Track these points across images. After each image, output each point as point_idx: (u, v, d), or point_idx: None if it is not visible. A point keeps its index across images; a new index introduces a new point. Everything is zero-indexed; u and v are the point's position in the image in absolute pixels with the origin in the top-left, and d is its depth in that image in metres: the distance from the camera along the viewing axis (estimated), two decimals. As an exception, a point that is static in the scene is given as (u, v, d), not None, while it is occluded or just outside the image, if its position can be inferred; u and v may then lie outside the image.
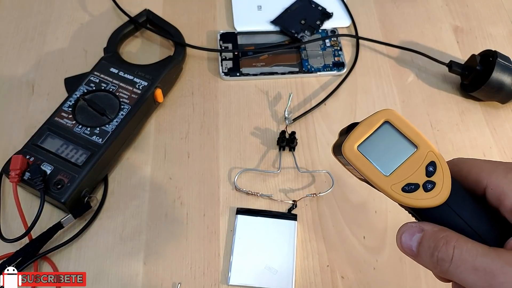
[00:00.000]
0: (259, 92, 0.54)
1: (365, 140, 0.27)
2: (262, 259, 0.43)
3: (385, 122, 0.27)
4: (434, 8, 0.63)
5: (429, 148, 0.27)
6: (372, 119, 0.28)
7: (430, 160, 0.26)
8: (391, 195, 0.26)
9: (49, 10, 0.60)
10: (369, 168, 0.27)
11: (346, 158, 0.27)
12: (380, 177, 0.26)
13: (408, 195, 0.26)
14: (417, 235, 0.25)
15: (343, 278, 0.43)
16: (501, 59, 0.50)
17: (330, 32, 0.59)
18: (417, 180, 0.26)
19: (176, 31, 0.56)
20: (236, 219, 0.45)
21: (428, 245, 0.24)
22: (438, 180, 0.26)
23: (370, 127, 0.27)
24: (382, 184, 0.26)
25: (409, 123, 0.27)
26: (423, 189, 0.26)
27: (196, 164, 0.48)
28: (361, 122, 0.28)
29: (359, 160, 0.27)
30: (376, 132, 0.27)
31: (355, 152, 0.27)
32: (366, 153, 0.27)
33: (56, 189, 0.42)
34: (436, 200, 0.25)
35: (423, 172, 0.26)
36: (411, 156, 0.26)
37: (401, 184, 0.26)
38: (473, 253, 0.22)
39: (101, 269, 0.42)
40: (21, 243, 0.42)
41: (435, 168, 0.26)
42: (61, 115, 0.46)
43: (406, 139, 0.27)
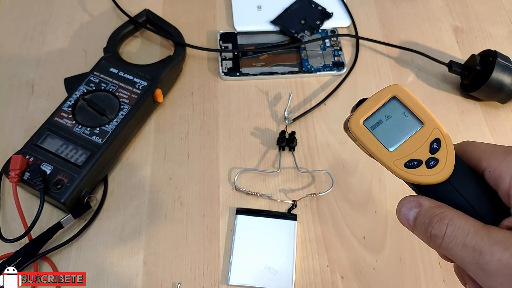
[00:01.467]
0: (259, 92, 0.54)
1: (372, 115, 0.27)
2: (262, 259, 0.43)
3: (393, 97, 0.27)
4: (434, 8, 0.63)
5: (435, 125, 0.27)
6: (380, 94, 0.28)
7: (435, 137, 0.26)
8: (393, 170, 0.26)
9: (49, 10, 0.60)
10: (373, 143, 0.27)
11: (352, 132, 0.28)
12: (383, 152, 0.27)
13: (410, 171, 0.26)
14: (415, 209, 0.26)
15: (343, 278, 0.43)
16: (501, 59, 0.50)
17: (330, 32, 0.59)
18: (420, 157, 0.26)
19: (176, 31, 0.56)
20: (236, 219, 0.45)
21: (423, 221, 0.25)
22: (442, 157, 0.26)
23: (377, 102, 0.27)
24: (385, 159, 0.27)
25: (417, 99, 0.27)
26: (426, 166, 0.26)
27: (196, 164, 0.48)
28: (370, 97, 0.28)
29: (364, 134, 0.27)
30: (383, 107, 0.27)
31: (360, 127, 0.27)
32: (372, 128, 0.27)
33: (56, 189, 0.42)
34: (438, 177, 0.25)
35: (427, 148, 0.26)
36: (417, 133, 0.27)
37: (403, 160, 0.26)
38: (465, 230, 0.23)
39: (101, 269, 0.42)
40: (21, 243, 0.42)
41: (439, 145, 0.26)
42: (61, 115, 0.46)
43: (412, 115, 0.27)
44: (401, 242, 0.45)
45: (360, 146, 0.29)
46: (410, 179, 0.26)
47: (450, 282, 0.43)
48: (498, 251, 0.21)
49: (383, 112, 0.27)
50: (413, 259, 0.44)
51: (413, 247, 0.44)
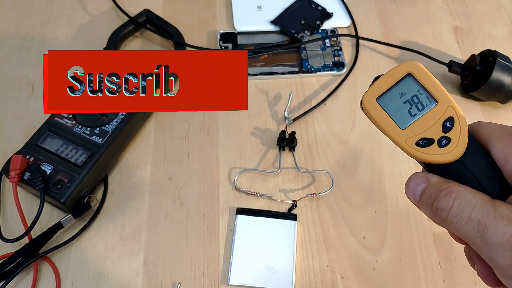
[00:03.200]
0: (259, 92, 0.54)
1: (386, 92, 0.27)
2: (262, 259, 0.43)
3: (408, 74, 0.27)
4: (434, 8, 0.63)
5: (450, 104, 0.26)
6: (395, 71, 0.27)
7: (448, 116, 0.26)
8: (405, 148, 0.26)
9: (49, 10, 0.60)
10: (385, 120, 0.26)
11: (365, 109, 0.27)
12: (395, 130, 0.26)
13: (421, 150, 0.25)
14: (422, 185, 0.25)
15: (343, 278, 0.43)
16: (501, 59, 0.50)
17: (330, 32, 0.59)
18: (433, 135, 0.26)
19: (176, 31, 0.56)
20: (236, 219, 0.45)
21: (429, 195, 0.25)
22: (454, 137, 0.25)
23: (392, 79, 0.27)
24: (397, 137, 0.26)
25: (432, 77, 0.27)
26: (438, 145, 0.25)
27: (196, 164, 0.48)
28: (384, 74, 0.27)
29: (376, 112, 0.27)
30: (397, 85, 0.27)
31: (373, 104, 0.27)
32: (385, 106, 0.27)
33: (56, 189, 0.42)
34: (449, 156, 0.25)
35: (440, 127, 0.26)
36: (430, 111, 0.26)
37: (415, 138, 0.26)
38: (471, 204, 0.23)
39: (101, 269, 0.42)
40: (21, 243, 0.42)
41: (453, 124, 0.26)
42: (61, 115, 0.46)
43: (427, 93, 0.26)
44: (401, 242, 0.45)
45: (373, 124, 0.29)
46: (420, 157, 0.26)
47: (450, 282, 0.43)
48: (502, 225, 0.21)
49: (398, 89, 0.27)
50: (413, 259, 0.44)
51: (413, 247, 0.44)
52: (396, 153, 0.50)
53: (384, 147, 0.50)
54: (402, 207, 0.47)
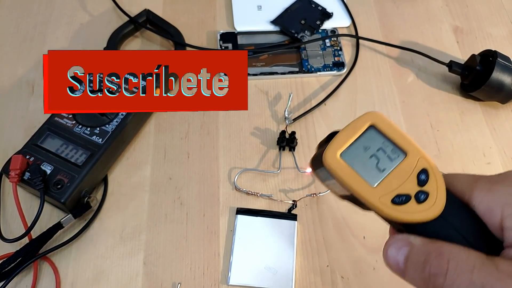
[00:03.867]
0: (259, 92, 0.54)
1: (349, 147, 0.25)
2: (262, 259, 0.43)
3: (370, 126, 0.25)
4: (434, 8, 0.63)
5: (420, 154, 0.24)
6: (356, 124, 0.25)
7: (421, 168, 0.24)
8: (380, 208, 0.23)
9: (49, 10, 0.60)
10: (354, 178, 0.24)
11: (328, 168, 0.24)
12: (366, 189, 0.24)
13: (399, 208, 0.23)
14: (404, 249, 0.22)
15: (343, 278, 0.43)
16: (501, 59, 0.50)
17: (330, 32, 0.59)
18: (408, 191, 0.23)
19: (176, 31, 0.56)
20: (236, 219, 0.45)
21: (417, 259, 0.22)
22: (432, 190, 0.23)
23: (354, 132, 0.25)
24: (369, 197, 0.23)
25: (396, 127, 0.25)
26: (416, 200, 0.23)
27: (196, 164, 0.48)
28: (344, 127, 0.25)
29: (343, 169, 0.24)
30: (360, 138, 0.25)
31: (338, 161, 0.24)
32: (350, 162, 0.24)
33: (56, 189, 0.42)
34: (431, 212, 0.23)
35: (415, 181, 0.23)
36: (401, 164, 0.24)
37: (390, 196, 0.23)
38: (469, 265, 0.20)
39: (101, 269, 0.42)
40: (21, 243, 0.42)
41: (428, 177, 0.23)
42: (61, 115, 0.46)
43: (394, 145, 0.24)
44: (401, 242, 0.45)
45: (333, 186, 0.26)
46: (400, 217, 0.23)
47: (450, 282, 0.43)
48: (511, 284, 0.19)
49: (361, 143, 0.25)
50: (413, 259, 0.44)
51: (413, 247, 0.44)
52: (396, 153, 0.50)
53: (384, 147, 0.50)
54: (402, 207, 0.47)
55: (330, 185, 0.27)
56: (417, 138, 0.51)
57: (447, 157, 0.49)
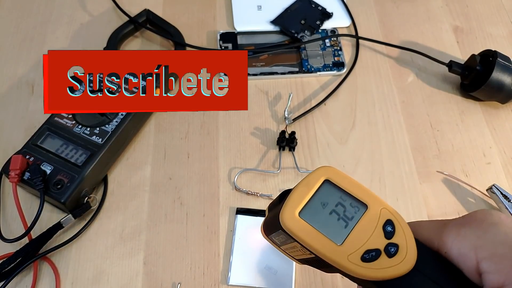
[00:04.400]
0: (259, 92, 0.54)
1: (306, 205, 0.23)
2: (262, 259, 0.43)
3: (325, 181, 0.24)
4: (434, 8, 0.63)
5: (382, 205, 0.23)
6: (309, 179, 0.24)
7: (386, 219, 0.22)
8: (350, 268, 0.21)
9: (49, 10, 0.60)
10: (317, 238, 0.22)
11: (287, 229, 0.22)
12: (332, 248, 0.22)
13: (370, 265, 0.21)
14: None
15: (343, 278, 0.43)
16: (501, 59, 0.50)
17: (330, 32, 0.59)
18: (377, 245, 0.22)
19: (176, 31, 0.56)
20: (236, 219, 0.45)
21: None
22: (401, 241, 0.22)
23: (309, 189, 0.23)
24: (337, 257, 0.22)
25: (352, 179, 0.24)
26: (386, 255, 0.21)
27: (196, 164, 0.48)
28: (299, 184, 0.24)
29: (304, 229, 0.22)
30: (317, 194, 0.23)
31: (297, 220, 0.22)
32: (310, 220, 0.22)
33: (56, 189, 0.42)
34: (404, 265, 0.21)
35: (381, 234, 0.22)
36: (363, 217, 0.23)
37: (359, 253, 0.21)
38: None
39: (101, 269, 0.42)
40: (21, 243, 0.42)
41: (394, 227, 0.22)
42: (61, 115, 0.46)
43: (352, 198, 0.23)
44: (401, 242, 0.45)
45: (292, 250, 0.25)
46: (374, 276, 0.21)
47: (450, 282, 0.43)
48: None
49: (318, 199, 0.23)
50: (413, 259, 0.44)
51: (413, 247, 0.44)
52: (396, 153, 0.50)
53: (384, 147, 0.50)
54: (402, 207, 0.47)
55: (288, 249, 0.25)
56: (417, 138, 0.51)
57: (447, 157, 0.49)
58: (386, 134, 0.51)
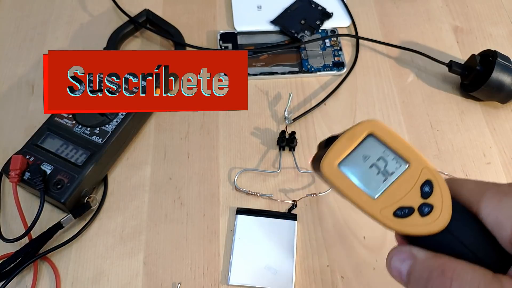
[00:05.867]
0: (259, 92, 0.54)
1: (347, 157, 0.24)
2: (262, 259, 0.43)
3: (369, 135, 0.24)
4: (434, 8, 0.63)
5: (424, 164, 0.23)
6: (354, 132, 0.24)
7: (425, 179, 0.22)
8: (382, 221, 0.23)
9: (49, 10, 0.60)
10: (354, 190, 0.23)
11: (326, 178, 0.24)
12: (367, 201, 0.23)
13: (401, 221, 0.22)
14: (407, 262, 0.22)
15: (343, 278, 0.43)
16: (501, 59, 0.50)
17: (330, 32, 0.59)
18: (411, 203, 0.22)
19: (176, 31, 0.56)
20: (236, 219, 0.45)
21: (419, 275, 0.21)
22: (436, 202, 0.22)
23: (352, 141, 0.24)
24: (370, 209, 0.23)
25: (397, 136, 0.24)
26: (419, 213, 0.22)
27: (196, 164, 0.48)
28: (341, 135, 0.24)
29: (341, 180, 0.23)
30: (359, 147, 0.24)
31: (336, 172, 0.23)
32: (349, 172, 0.23)
33: (56, 189, 0.42)
34: (435, 226, 0.22)
35: (418, 193, 0.22)
36: (403, 174, 0.23)
37: (392, 208, 0.22)
38: (473, 285, 0.19)
39: (101, 269, 0.42)
40: (21, 243, 0.42)
41: (432, 188, 0.22)
42: (61, 115, 0.46)
43: (395, 154, 0.23)
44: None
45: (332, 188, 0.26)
46: (402, 230, 0.22)
47: (450, 282, 0.43)
48: None
49: (360, 152, 0.23)
50: (413, 259, 0.44)
51: (413, 247, 0.44)
52: (396, 153, 0.50)
53: (384, 147, 0.50)
54: (402, 207, 0.47)
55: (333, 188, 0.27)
56: (417, 138, 0.51)
57: (447, 157, 0.49)
58: (386, 134, 0.51)
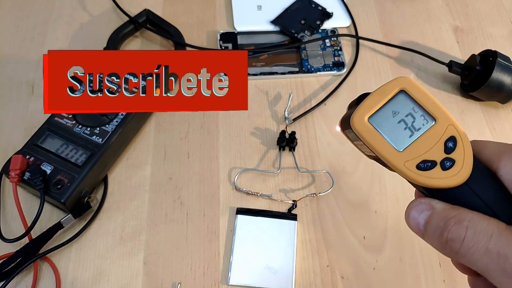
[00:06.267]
0: (259, 92, 0.54)
1: (377, 111, 0.25)
2: (262, 259, 0.43)
3: (401, 91, 0.25)
4: (434, 8, 0.63)
5: (450, 122, 0.24)
6: (386, 88, 0.25)
7: (450, 135, 0.24)
8: (404, 172, 0.24)
9: (49, 10, 0.60)
10: (381, 142, 0.24)
11: (355, 131, 0.25)
12: (392, 153, 0.24)
13: (423, 173, 0.23)
14: (426, 212, 0.23)
15: (343, 278, 0.43)
16: (501, 59, 0.50)
17: (330, 32, 0.59)
18: (434, 157, 0.24)
19: (176, 31, 0.56)
20: (236, 219, 0.45)
21: (436, 224, 0.22)
22: (458, 158, 0.23)
23: (383, 97, 0.25)
24: (394, 161, 0.24)
25: (428, 93, 0.25)
26: (441, 167, 0.23)
27: (196, 164, 0.48)
28: (374, 91, 0.26)
29: (370, 133, 0.25)
30: (389, 102, 0.25)
31: (365, 125, 0.25)
32: (378, 126, 0.25)
33: (56, 189, 0.42)
34: (455, 179, 0.23)
35: (441, 148, 0.24)
36: (429, 130, 0.24)
37: (415, 161, 0.24)
38: (487, 233, 0.20)
39: (101, 269, 0.42)
40: (21, 243, 0.42)
41: (455, 144, 0.24)
42: (61, 115, 0.46)
43: (423, 111, 0.25)
44: (401, 242, 0.45)
45: (361, 147, 0.27)
46: (423, 182, 0.23)
47: (450, 282, 0.43)
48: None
49: (390, 107, 0.25)
50: (413, 259, 0.44)
51: (413, 247, 0.44)
52: (396, 153, 0.50)
53: (384, 147, 0.50)
54: (402, 206, 0.46)
55: (358, 145, 0.28)
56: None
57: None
58: (386, 134, 0.51)
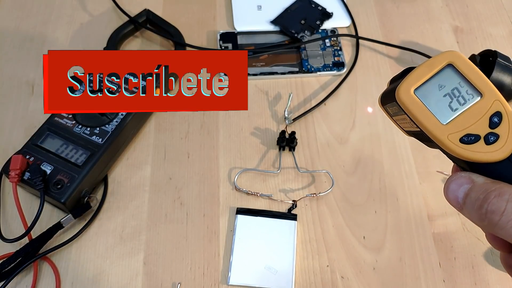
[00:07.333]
0: (259, 92, 0.54)
1: (424, 84, 0.25)
2: (262, 259, 0.43)
3: (448, 64, 0.25)
4: (434, 8, 0.63)
5: (496, 97, 0.24)
6: (434, 61, 0.25)
7: (495, 110, 0.24)
8: (447, 145, 0.24)
9: (49, 10, 0.60)
10: (425, 114, 0.24)
11: (400, 102, 0.25)
12: (436, 125, 0.24)
13: (466, 147, 0.23)
14: (465, 186, 0.23)
15: (343, 278, 0.43)
16: (501, 59, 0.50)
17: (330, 32, 0.59)
18: (479, 131, 0.23)
19: (176, 31, 0.56)
20: (236, 219, 0.45)
21: (476, 197, 0.22)
22: (503, 133, 0.23)
23: (431, 70, 0.25)
24: (438, 133, 0.24)
25: (475, 68, 0.25)
26: (484, 141, 0.23)
27: (196, 164, 0.48)
28: (421, 64, 0.25)
29: (415, 105, 0.24)
30: (436, 76, 0.25)
31: (411, 96, 0.24)
32: (423, 98, 0.25)
33: (56, 189, 0.42)
34: (498, 154, 0.23)
35: (487, 122, 0.24)
36: (474, 105, 0.24)
37: (459, 134, 0.24)
38: None
39: (101, 269, 0.42)
40: (21, 243, 0.42)
41: (501, 119, 0.23)
42: (61, 115, 0.46)
43: (470, 85, 0.24)
44: (401, 242, 0.45)
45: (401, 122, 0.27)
46: (465, 155, 0.23)
47: (450, 282, 0.43)
48: None
49: (437, 80, 0.25)
50: (413, 259, 0.44)
51: (413, 247, 0.44)
52: (396, 153, 0.50)
53: (384, 147, 0.50)
54: (402, 207, 0.47)
55: (398, 120, 0.28)
56: (417, 138, 0.51)
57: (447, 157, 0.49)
58: (386, 134, 0.51)
